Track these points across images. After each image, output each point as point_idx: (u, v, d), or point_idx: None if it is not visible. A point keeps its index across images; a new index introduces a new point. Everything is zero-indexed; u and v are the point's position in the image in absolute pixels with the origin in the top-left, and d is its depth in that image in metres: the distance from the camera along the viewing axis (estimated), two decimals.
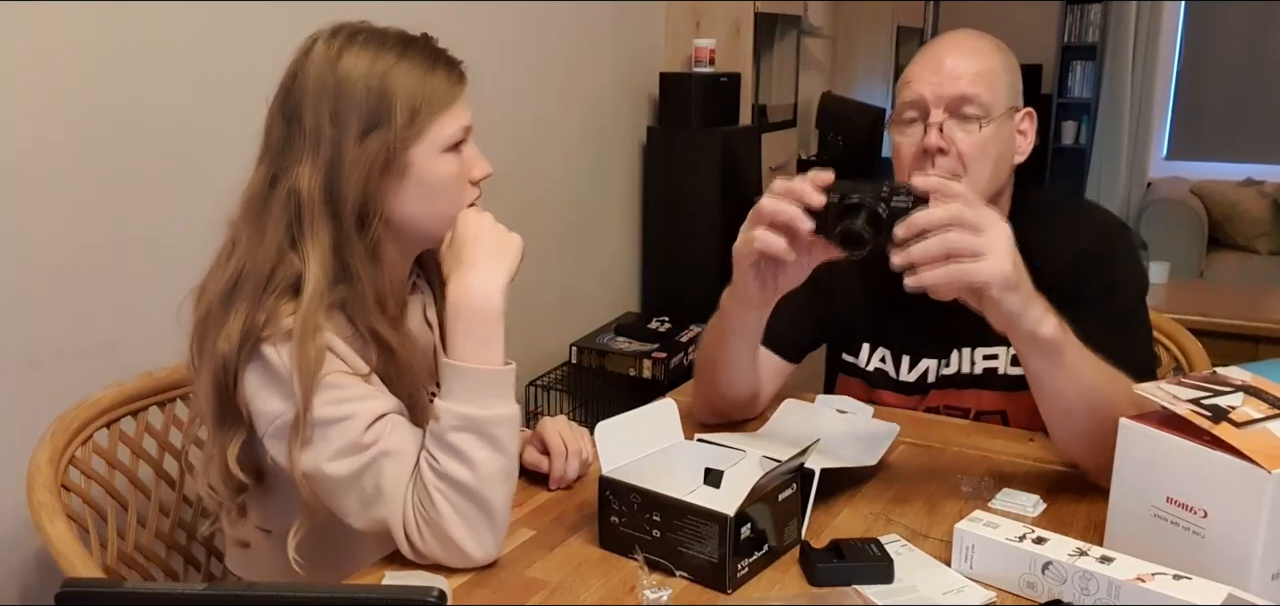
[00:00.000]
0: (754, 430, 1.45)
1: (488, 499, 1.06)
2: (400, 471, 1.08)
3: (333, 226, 1.11)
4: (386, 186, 1.13)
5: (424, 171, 1.14)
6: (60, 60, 1.69)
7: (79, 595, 0.75)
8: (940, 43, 1.42)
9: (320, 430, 1.07)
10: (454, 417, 1.06)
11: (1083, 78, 6.63)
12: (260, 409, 1.10)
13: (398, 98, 1.11)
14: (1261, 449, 0.95)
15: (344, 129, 1.10)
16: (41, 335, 1.70)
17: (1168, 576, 0.94)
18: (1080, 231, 1.43)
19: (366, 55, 1.12)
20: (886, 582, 1.05)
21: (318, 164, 1.11)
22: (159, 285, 1.87)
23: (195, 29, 1.91)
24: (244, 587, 1.27)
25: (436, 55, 1.17)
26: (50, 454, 1.30)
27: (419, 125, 1.12)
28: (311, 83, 1.12)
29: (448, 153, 1.15)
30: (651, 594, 1.03)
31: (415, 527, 1.07)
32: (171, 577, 1.45)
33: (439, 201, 1.16)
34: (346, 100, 1.10)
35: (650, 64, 3.62)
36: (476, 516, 1.06)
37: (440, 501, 1.06)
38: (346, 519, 1.11)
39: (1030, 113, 1.44)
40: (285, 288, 1.10)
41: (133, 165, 1.82)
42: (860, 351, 1.55)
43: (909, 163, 1.38)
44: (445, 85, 1.15)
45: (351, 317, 1.14)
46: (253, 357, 1.09)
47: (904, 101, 1.39)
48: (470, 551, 1.07)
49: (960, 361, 1.50)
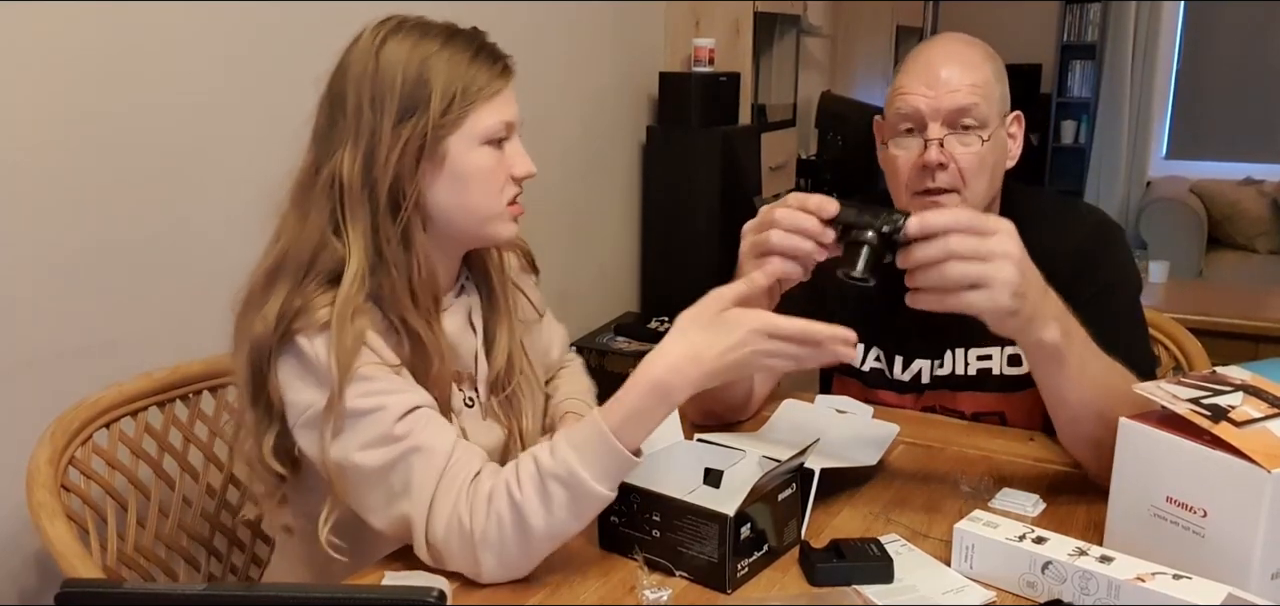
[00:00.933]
0: (754, 430, 1.45)
1: (536, 551, 1.05)
2: (429, 467, 1.06)
3: (369, 212, 1.11)
4: (423, 174, 1.13)
5: (460, 162, 1.13)
6: (61, 61, 1.69)
7: (79, 595, 0.75)
8: (932, 51, 1.40)
9: (351, 421, 1.07)
10: (565, 469, 1.03)
11: (1082, 77, 6.63)
12: (292, 399, 1.10)
13: (435, 85, 1.11)
14: (1261, 448, 0.94)
15: (382, 114, 1.11)
16: (41, 335, 1.70)
17: (1167, 576, 0.94)
18: (1073, 232, 1.42)
19: (408, 43, 1.13)
20: (886, 582, 1.05)
21: (357, 149, 1.11)
22: (159, 286, 1.88)
23: (196, 30, 1.91)
24: (243, 588, 1.27)
25: (481, 47, 1.16)
26: (50, 454, 1.29)
27: (456, 114, 1.12)
28: (354, 70, 1.13)
29: (486, 146, 1.15)
30: (651, 594, 1.03)
31: (443, 531, 1.05)
32: (171, 578, 1.45)
33: (474, 194, 1.15)
34: (385, 86, 1.11)
35: (650, 63, 3.62)
36: (515, 556, 1.04)
37: (494, 526, 1.03)
38: (368, 516, 1.10)
39: (1018, 116, 1.44)
40: (325, 276, 1.10)
41: (133, 166, 1.82)
42: (856, 351, 1.55)
43: (907, 177, 1.37)
44: (487, 77, 1.14)
45: (384, 309, 1.14)
46: (286, 348, 1.09)
47: (899, 114, 1.37)
48: (488, 576, 1.05)
49: (954, 362, 1.50)
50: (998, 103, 1.38)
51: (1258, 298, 3.66)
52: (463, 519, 1.04)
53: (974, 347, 1.47)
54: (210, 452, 1.52)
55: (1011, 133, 1.43)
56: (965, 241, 1.07)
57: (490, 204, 1.16)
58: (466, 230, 1.19)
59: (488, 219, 1.17)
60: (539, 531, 1.03)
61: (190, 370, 1.51)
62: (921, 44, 1.44)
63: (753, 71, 3.88)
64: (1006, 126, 1.41)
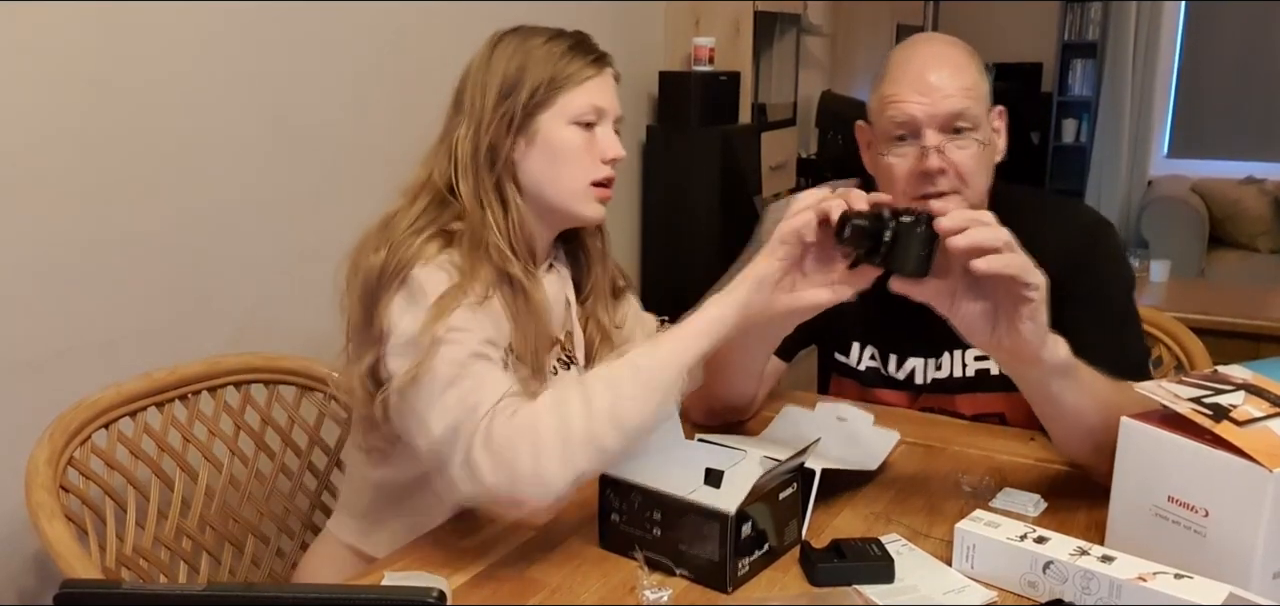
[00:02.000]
0: (754, 432, 1.45)
1: (574, 444, 1.06)
2: (490, 389, 1.10)
3: (474, 175, 1.26)
4: (517, 146, 1.26)
5: (550, 136, 1.26)
6: (60, 61, 1.69)
7: (78, 596, 0.75)
8: (917, 57, 1.39)
9: (435, 345, 1.12)
10: (604, 366, 1.11)
11: (1083, 76, 6.62)
12: (396, 323, 1.16)
13: (531, 70, 1.26)
14: (1262, 447, 0.94)
15: (487, 97, 1.27)
16: (41, 335, 1.70)
17: (1169, 575, 0.94)
18: (1065, 231, 1.43)
19: (515, 42, 1.29)
20: (887, 582, 1.04)
21: (469, 127, 1.27)
22: (159, 286, 1.88)
23: (196, 30, 1.91)
24: (243, 587, 1.27)
25: (578, 43, 1.30)
26: (49, 454, 1.29)
27: (547, 94, 1.26)
28: (472, 69, 1.30)
29: (575, 126, 1.27)
30: (651, 593, 1.02)
31: (481, 446, 1.07)
32: (170, 578, 1.45)
33: (561, 169, 1.27)
34: (493, 76, 1.27)
35: (649, 63, 3.62)
36: (551, 447, 1.06)
37: (527, 417, 1.07)
38: (418, 438, 1.13)
39: (1001, 110, 1.45)
40: (436, 228, 1.22)
41: (133, 165, 1.82)
42: (850, 350, 1.55)
43: (905, 184, 1.37)
44: (580, 65, 1.27)
45: (491, 258, 1.23)
46: (401, 280, 1.17)
47: (893, 122, 1.37)
48: (525, 480, 1.06)
49: (952, 364, 1.49)
50: (986, 101, 1.40)
51: (1259, 297, 3.66)
52: (503, 425, 1.07)
53: (971, 348, 1.47)
54: (208, 453, 1.52)
55: (996, 127, 1.44)
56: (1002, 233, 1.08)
57: (576, 180, 1.28)
58: (555, 202, 1.29)
59: (573, 194, 1.29)
60: (577, 415, 1.06)
61: (189, 370, 1.51)
62: (903, 49, 1.44)
63: (753, 70, 3.88)
64: (992, 123, 1.42)
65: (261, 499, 1.58)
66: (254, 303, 2.03)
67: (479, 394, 1.10)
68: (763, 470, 1.13)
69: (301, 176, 2.13)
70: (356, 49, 2.25)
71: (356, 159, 2.25)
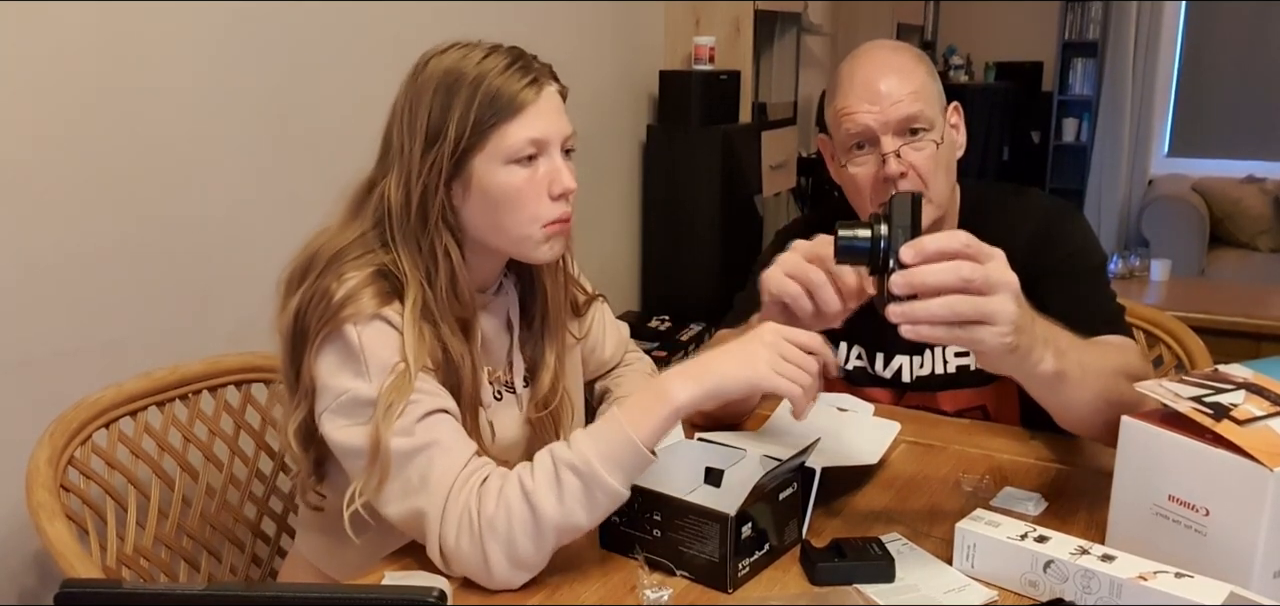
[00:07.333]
0: (754, 429, 1.45)
1: (544, 542, 1.03)
2: (448, 467, 1.06)
3: (411, 231, 1.14)
4: (454, 195, 1.15)
5: (485, 183, 1.13)
6: (61, 60, 1.69)
7: (78, 595, 0.75)
8: (865, 67, 1.40)
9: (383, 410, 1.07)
10: (580, 459, 1.03)
11: (1083, 75, 6.62)
12: (328, 383, 1.10)
13: (456, 110, 1.12)
14: (1263, 446, 0.94)
15: (414, 141, 1.14)
16: (41, 335, 1.70)
17: (1169, 574, 0.94)
18: (1030, 215, 1.45)
19: (440, 72, 1.14)
20: (888, 582, 1.04)
21: (399, 177, 1.15)
22: (159, 286, 1.88)
23: (197, 31, 1.91)
24: (243, 587, 1.27)
25: (514, 62, 1.14)
26: (49, 454, 1.29)
27: (475, 137, 1.12)
28: (399, 99, 1.17)
29: (513, 164, 1.13)
30: (652, 594, 1.02)
31: (454, 529, 1.04)
32: (171, 578, 1.45)
33: (504, 216, 1.15)
34: (417, 114, 1.14)
35: (650, 62, 3.62)
36: (523, 545, 1.03)
37: (503, 513, 1.03)
38: (385, 507, 1.08)
39: (956, 106, 1.47)
40: (371, 270, 1.12)
41: (133, 166, 1.82)
42: (836, 350, 1.55)
43: (869, 191, 1.39)
44: (513, 93, 1.12)
45: (427, 316, 1.14)
46: (332, 335, 1.10)
47: (849, 134, 1.39)
48: (496, 571, 1.04)
49: (934, 361, 1.51)
50: (937, 100, 1.41)
51: (1259, 295, 3.66)
52: (472, 512, 1.04)
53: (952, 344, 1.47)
54: (209, 452, 1.52)
55: (953, 123, 1.45)
56: (976, 273, 0.99)
57: (521, 227, 1.15)
58: (501, 249, 1.19)
59: (520, 241, 1.17)
60: (548, 519, 1.02)
61: (189, 370, 1.51)
62: (850, 60, 1.44)
63: (753, 70, 3.88)
64: (948, 120, 1.43)
65: (262, 498, 1.58)
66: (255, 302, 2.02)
67: (435, 469, 1.05)
68: (763, 470, 1.13)
69: (303, 177, 2.13)
70: (358, 51, 2.25)
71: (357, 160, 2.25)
